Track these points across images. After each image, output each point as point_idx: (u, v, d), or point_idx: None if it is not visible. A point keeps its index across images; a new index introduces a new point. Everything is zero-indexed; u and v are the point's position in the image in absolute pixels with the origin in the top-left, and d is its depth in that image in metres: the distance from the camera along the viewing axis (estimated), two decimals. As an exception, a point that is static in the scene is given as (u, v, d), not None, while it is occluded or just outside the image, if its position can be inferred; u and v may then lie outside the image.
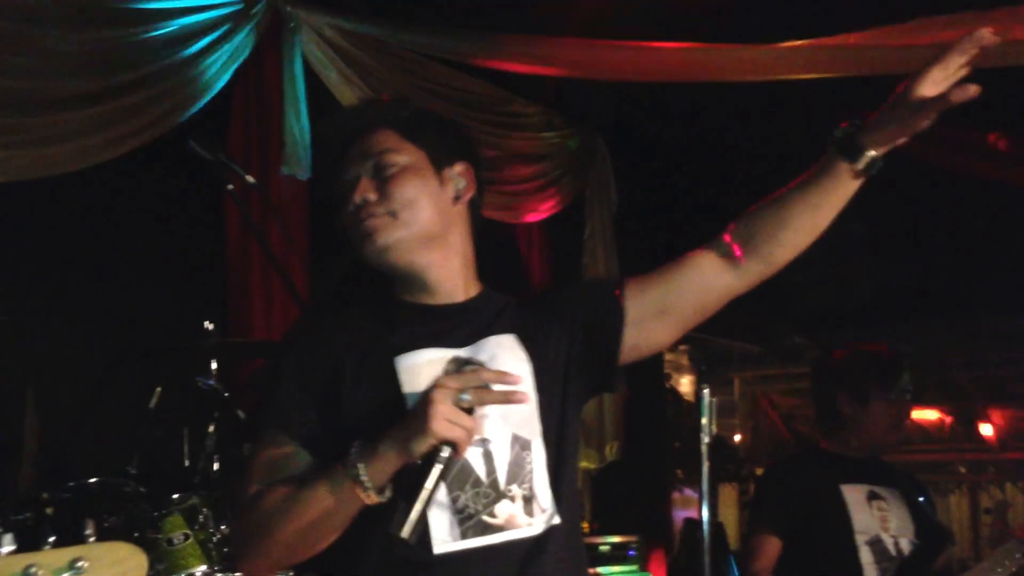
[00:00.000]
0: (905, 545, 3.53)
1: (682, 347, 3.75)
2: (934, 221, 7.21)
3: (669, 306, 2.13)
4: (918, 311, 8.07)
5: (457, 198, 2.14)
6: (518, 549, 1.95)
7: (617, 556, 5.93)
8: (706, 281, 2.12)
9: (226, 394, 3.73)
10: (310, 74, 5.09)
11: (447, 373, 1.87)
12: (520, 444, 1.99)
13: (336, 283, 4.32)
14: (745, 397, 9.68)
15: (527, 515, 1.97)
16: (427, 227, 2.06)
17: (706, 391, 3.00)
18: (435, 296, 2.11)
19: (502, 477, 1.96)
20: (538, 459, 2.01)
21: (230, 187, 3.67)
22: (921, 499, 3.66)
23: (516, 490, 1.97)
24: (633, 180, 7.17)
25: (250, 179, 3.69)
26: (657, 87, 5.86)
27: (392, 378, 1.98)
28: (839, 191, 2.02)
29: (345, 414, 1.97)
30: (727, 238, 2.10)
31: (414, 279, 2.10)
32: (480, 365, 1.87)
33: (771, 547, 3.57)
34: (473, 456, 1.94)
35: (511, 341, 2.08)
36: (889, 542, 3.50)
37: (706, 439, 2.98)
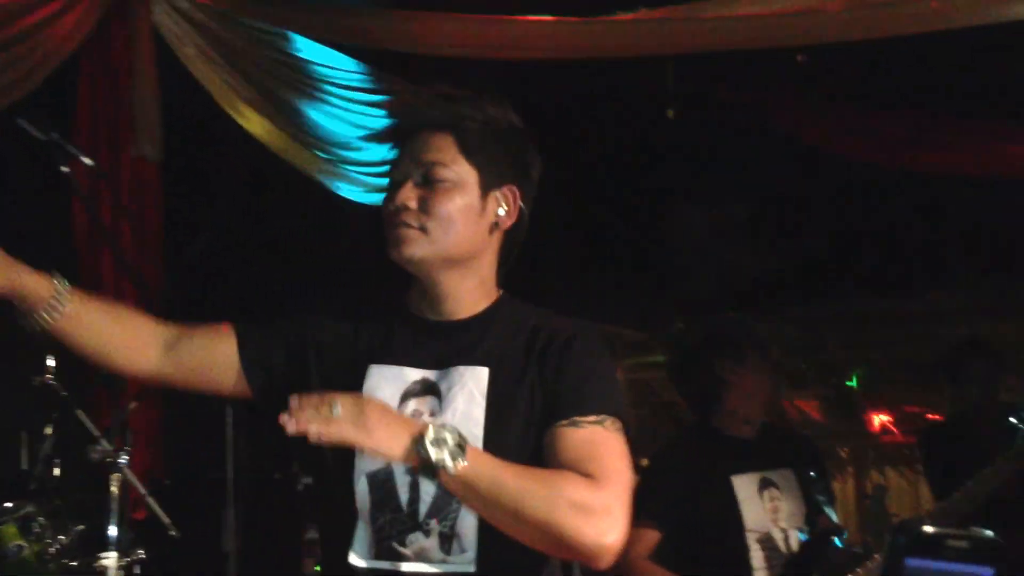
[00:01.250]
0: (794, 538, 3.44)
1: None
2: (816, 203, 7.22)
3: None
4: (799, 294, 8.08)
5: (496, 225, 2.13)
6: None
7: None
8: None
9: (64, 393, 3.60)
10: (163, 48, 4.85)
11: (408, 394, 2.01)
12: None
13: (191, 264, 4.09)
14: (629, 385, 9.62)
15: (443, 552, 1.97)
16: (454, 250, 2.08)
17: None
18: (436, 311, 2.14)
19: (423, 509, 1.97)
20: None
21: (65, 169, 3.47)
22: (812, 474, 3.56)
23: (434, 525, 1.97)
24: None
25: (88, 161, 3.56)
26: (538, 64, 5.73)
27: (358, 383, 2.04)
28: None
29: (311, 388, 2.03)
30: None
31: (424, 289, 2.14)
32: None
33: (649, 538, 3.45)
34: (401, 482, 1.97)
35: (480, 377, 2.05)
36: (779, 537, 3.42)
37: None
